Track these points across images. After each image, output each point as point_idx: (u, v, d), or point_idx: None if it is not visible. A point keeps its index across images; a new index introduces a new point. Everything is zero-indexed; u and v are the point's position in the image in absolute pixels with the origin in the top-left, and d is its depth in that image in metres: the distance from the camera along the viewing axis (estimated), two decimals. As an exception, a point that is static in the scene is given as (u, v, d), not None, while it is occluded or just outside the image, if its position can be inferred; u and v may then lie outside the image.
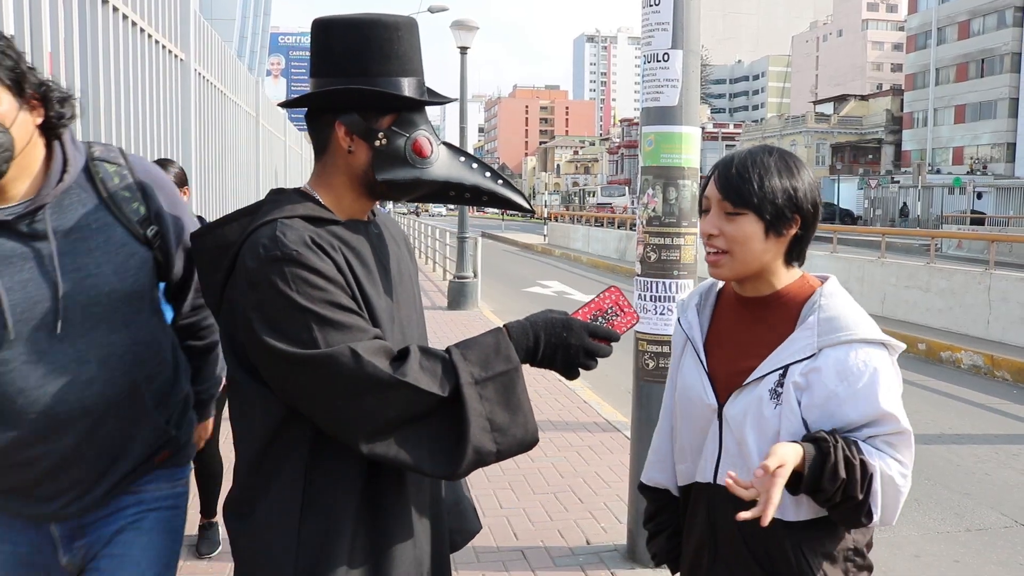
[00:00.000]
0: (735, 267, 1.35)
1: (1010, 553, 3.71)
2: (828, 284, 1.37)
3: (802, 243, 1.38)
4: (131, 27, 3.41)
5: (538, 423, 1.32)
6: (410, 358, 1.20)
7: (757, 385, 1.34)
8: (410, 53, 1.30)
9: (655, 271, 3.11)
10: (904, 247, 22.65)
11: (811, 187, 1.36)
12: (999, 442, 5.49)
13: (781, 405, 1.31)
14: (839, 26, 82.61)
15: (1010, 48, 48.76)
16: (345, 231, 1.30)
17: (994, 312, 8.48)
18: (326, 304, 1.18)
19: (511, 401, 1.24)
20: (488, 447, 1.21)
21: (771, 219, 1.32)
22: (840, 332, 1.30)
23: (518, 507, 3.84)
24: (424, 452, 1.20)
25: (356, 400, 1.17)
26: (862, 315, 1.34)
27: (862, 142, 58.91)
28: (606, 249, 21.55)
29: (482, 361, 1.23)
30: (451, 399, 1.20)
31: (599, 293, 1.37)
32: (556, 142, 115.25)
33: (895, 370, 1.34)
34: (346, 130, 1.29)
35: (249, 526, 1.27)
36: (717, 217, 1.35)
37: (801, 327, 1.33)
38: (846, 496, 1.27)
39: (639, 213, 3.21)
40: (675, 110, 3.05)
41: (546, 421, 5.29)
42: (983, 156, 50.10)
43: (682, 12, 3.00)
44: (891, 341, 1.34)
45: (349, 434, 1.19)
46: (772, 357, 1.33)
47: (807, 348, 1.31)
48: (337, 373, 1.16)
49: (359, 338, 1.19)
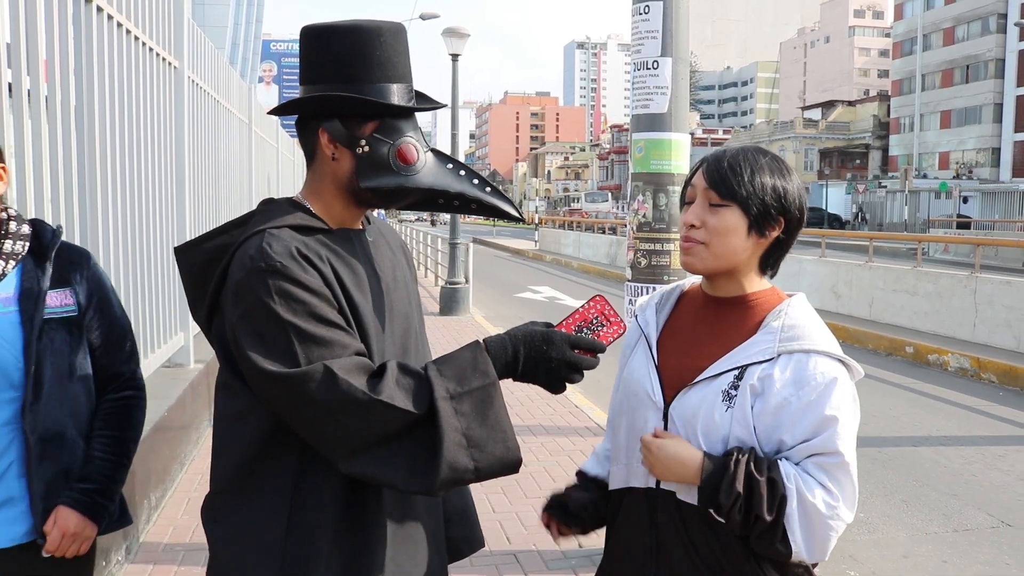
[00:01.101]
0: (709, 260, 1.31)
1: (996, 553, 3.76)
2: (797, 297, 1.35)
3: (780, 250, 1.35)
4: (125, 35, 3.43)
5: (530, 427, 1.31)
6: (386, 375, 1.18)
7: (709, 383, 1.29)
8: (394, 59, 1.29)
9: (645, 276, 3.15)
10: (891, 251, 22.86)
11: (799, 192, 1.33)
12: (985, 443, 5.55)
13: (733, 408, 1.26)
14: (826, 32, 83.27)
15: (994, 54, 49.31)
16: (335, 240, 1.29)
17: (980, 315, 8.58)
18: (309, 318, 1.17)
19: (488, 417, 1.20)
20: (464, 463, 1.18)
21: (756, 216, 1.28)
22: (802, 340, 1.26)
23: (511, 511, 3.86)
24: (400, 469, 1.18)
25: (332, 419, 1.16)
26: (826, 332, 1.30)
27: (850, 147, 59.34)
28: (597, 254, 21.61)
29: (458, 376, 1.20)
30: (428, 416, 1.17)
31: (584, 303, 1.33)
32: (547, 148, 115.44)
33: (852, 393, 1.28)
34: (329, 137, 1.28)
35: (229, 531, 1.26)
36: (701, 207, 1.31)
37: (763, 330, 1.29)
38: (750, 515, 1.21)
39: (629, 219, 3.25)
40: (665, 117, 3.09)
41: (538, 425, 5.32)
42: (968, 161, 50.59)
43: (671, 20, 3.05)
44: (851, 362, 1.29)
45: (328, 451, 1.19)
46: (729, 356, 1.29)
47: (767, 352, 1.26)
48: (312, 392, 1.15)
49: (339, 354, 1.18)
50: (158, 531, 3.41)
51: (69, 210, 2.80)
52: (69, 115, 2.82)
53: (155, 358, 3.92)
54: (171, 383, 4.03)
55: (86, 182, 2.98)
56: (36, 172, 2.52)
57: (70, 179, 2.81)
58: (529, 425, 5.29)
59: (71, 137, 2.83)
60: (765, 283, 1.37)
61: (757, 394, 1.25)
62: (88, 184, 3.00)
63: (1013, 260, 19.27)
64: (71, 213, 2.81)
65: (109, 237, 3.21)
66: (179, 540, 3.34)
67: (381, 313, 1.32)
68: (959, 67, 52.24)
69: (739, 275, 1.34)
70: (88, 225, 2.99)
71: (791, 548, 1.22)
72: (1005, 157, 48.15)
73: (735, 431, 1.25)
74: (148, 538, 3.32)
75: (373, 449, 1.17)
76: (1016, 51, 47.47)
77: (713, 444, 1.27)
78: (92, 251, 3.02)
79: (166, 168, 4.19)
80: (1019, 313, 8.09)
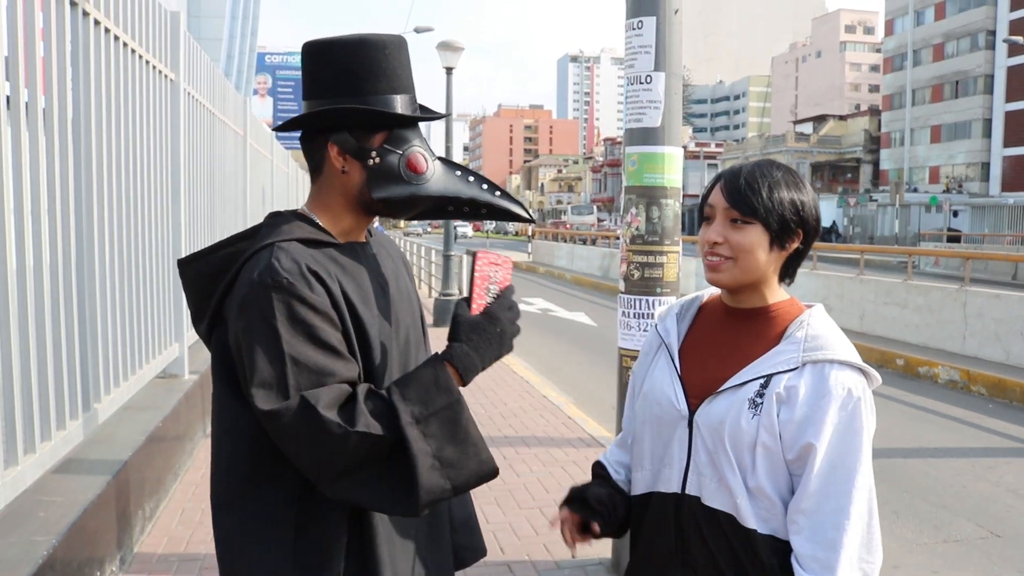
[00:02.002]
0: (736, 275, 1.34)
1: (986, 564, 3.79)
2: (817, 308, 1.39)
3: (798, 259, 1.38)
4: (122, 48, 3.46)
5: (523, 438, 1.33)
6: (357, 404, 1.18)
7: (735, 392, 1.31)
8: (399, 70, 1.30)
9: (638, 288, 3.18)
10: (882, 264, 22.98)
11: (814, 203, 1.37)
12: (975, 455, 5.59)
13: (759, 416, 1.28)
14: (818, 47, 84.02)
15: (983, 70, 49.87)
16: (342, 255, 1.30)
17: (970, 328, 8.64)
18: (307, 341, 1.18)
19: (457, 435, 1.21)
20: (440, 484, 1.19)
21: (777, 231, 1.32)
22: (825, 350, 1.29)
23: (504, 522, 3.87)
24: (384, 493, 1.20)
25: (312, 449, 1.17)
26: (847, 342, 1.34)
27: (841, 161, 59.78)
28: (590, 267, 21.66)
29: (421, 398, 1.20)
30: (399, 443, 1.18)
31: (473, 265, 1.35)
32: (540, 161, 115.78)
33: (869, 401, 1.31)
34: (338, 150, 1.29)
35: (239, 520, 1.26)
36: (722, 226, 1.34)
37: (787, 340, 1.32)
38: None
39: (622, 232, 3.29)
40: (658, 131, 3.14)
41: (531, 437, 5.33)
42: (959, 175, 51.03)
43: (664, 35, 3.10)
44: (871, 371, 1.33)
45: (312, 476, 1.20)
46: (754, 365, 1.32)
47: (792, 361, 1.29)
48: (288, 425, 1.16)
49: (327, 382, 1.18)
50: (152, 541, 3.40)
51: (65, 221, 2.81)
52: (66, 127, 2.84)
53: (150, 369, 3.93)
54: (166, 394, 4.03)
55: (83, 193, 3.00)
56: (33, 184, 2.53)
57: (67, 190, 2.83)
58: (522, 436, 5.30)
59: (68, 149, 2.85)
60: (784, 294, 1.41)
61: (783, 402, 1.28)
62: (84, 195, 3.01)
63: (1003, 273, 19.42)
64: (67, 224, 2.83)
65: (105, 248, 3.23)
66: (173, 550, 3.34)
67: (387, 326, 1.33)
68: (949, 82, 52.78)
69: (762, 287, 1.37)
70: (84, 236, 3.01)
71: None
72: (995, 171, 48.60)
73: (762, 438, 1.28)
74: (142, 548, 3.32)
75: (354, 474, 1.18)
76: (1005, 67, 48.01)
77: (740, 451, 1.29)
78: (88, 262, 3.06)
79: (162, 179, 4.20)
80: (1008, 326, 8.15)
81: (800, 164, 56.71)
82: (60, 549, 2.27)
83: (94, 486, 2.71)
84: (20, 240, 2.43)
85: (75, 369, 2.87)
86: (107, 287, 3.25)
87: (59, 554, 2.27)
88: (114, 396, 3.33)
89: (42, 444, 2.56)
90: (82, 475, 2.81)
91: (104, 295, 3.21)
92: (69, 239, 2.84)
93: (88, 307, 3.02)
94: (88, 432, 3.01)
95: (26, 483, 2.45)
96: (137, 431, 3.37)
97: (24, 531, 2.29)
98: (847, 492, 1.25)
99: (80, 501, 2.57)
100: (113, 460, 3.00)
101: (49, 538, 2.26)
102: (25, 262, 2.46)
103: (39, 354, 2.55)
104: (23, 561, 2.11)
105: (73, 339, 2.85)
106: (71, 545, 2.39)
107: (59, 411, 2.72)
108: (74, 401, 2.86)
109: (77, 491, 2.64)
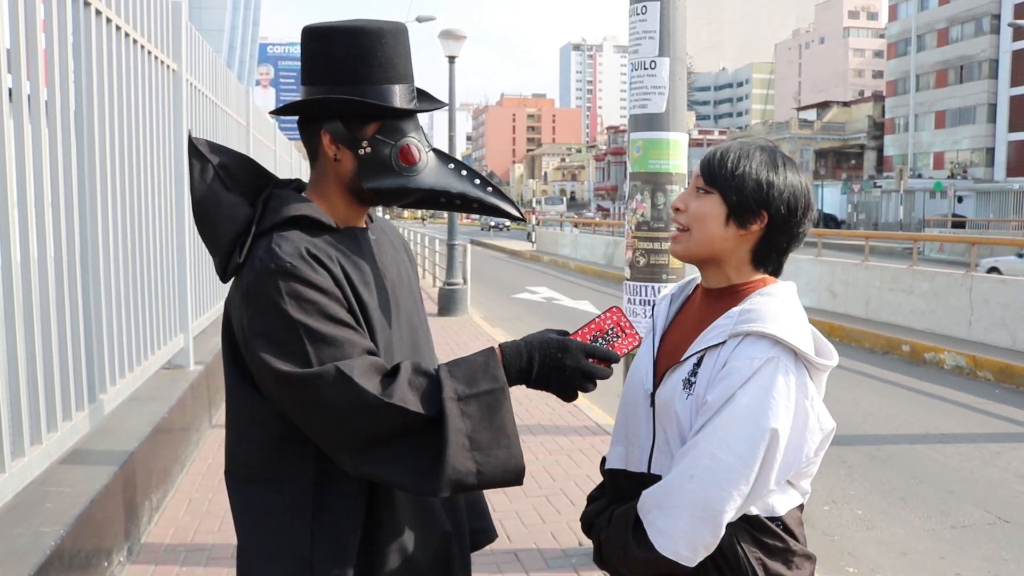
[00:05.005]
0: (690, 247, 1.33)
1: (994, 549, 3.78)
2: (777, 284, 1.33)
3: (770, 247, 1.32)
4: (124, 38, 3.44)
5: (529, 427, 1.31)
6: (399, 377, 1.18)
7: (676, 370, 1.31)
8: (396, 60, 1.28)
9: (644, 275, 3.17)
10: (887, 251, 22.91)
11: (791, 189, 1.29)
12: (982, 440, 5.58)
13: (692, 396, 1.26)
14: (821, 34, 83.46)
15: (987, 55, 49.50)
16: (342, 240, 1.30)
17: (976, 313, 8.61)
18: (320, 317, 1.18)
19: (495, 421, 1.20)
20: (467, 466, 1.17)
21: (734, 204, 1.28)
22: (754, 322, 1.22)
23: (511, 510, 3.87)
24: (408, 470, 1.18)
25: (343, 421, 1.15)
26: (791, 317, 1.25)
27: (845, 148, 59.54)
28: (594, 255, 21.63)
29: (468, 378, 1.20)
30: (436, 417, 1.17)
31: (601, 313, 1.34)
32: (543, 149, 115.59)
33: (783, 383, 1.20)
34: (331, 138, 1.28)
35: (260, 495, 1.26)
36: (688, 193, 1.34)
37: (726, 315, 1.28)
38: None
39: (628, 218, 3.27)
40: (662, 117, 3.11)
41: (537, 425, 5.33)
42: (963, 161, 50.78)
43: (668, 21, 3.07)
44: (810, 356, 1.22)
45: (337, 451, 1.19)
46: (695, 343, 1.29)
47: (721, 335, 1.25)
48: (324, 394, 1.15)
49: (351, 354, 1.18)
50: (159, 532, 3.42)
51: (69, 213, 2.81)
52: (69, 119, 2.83)
53: (155, 359, 3.93)
54: (171, 385, 4.04)
55: (86, 185, 2.99)
56: (36, 176, 2.53)
57: (70, 182, 2.82)
58: (528, 425, 5.31)
59: (71, 141, 2.84)
60: (757, 275, 1.35)
61: (705, 377, 1.25)
62: (88, 187, 3.01)
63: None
64: (71, 216, 2.82)
65: (109, 239, 3.22)
66: (181, 541, 3.35)
67: (388, 311, 1.33)
68: (953, 68, 52.42)
69: (724, 265, 1.33)
70: (88, 227, 3.00)
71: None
72: (999, 157, 48.32)
73: (696, 421, 1.24)
74: (149, 539, 3.33)
75: (381, 450, 1.18)
76: (1009, 52, 47.66)
77: (681, 430, 1.28)
78: (92, 253, 3.05)
79: (165, 170, 4.20)
80: (1014, 311, 8.12)
81: (804, 151, 56.54)
82: (68, 540, 2.28)
83: (101, 477, 2.72)
84: (24, 232, 2.42)
85: (80, 360, 2.87)
86: (111, 278, 3.24)
87: (67, 545, 2.27)
88: (120, 387, 3.33)
89: (49, 435, 2.57)
90: (89, 466, 2.82)
91: (108, 286, 3.20)
92: (73, 231, 2.84)
93: (92, 298, 3.02)
94: (94, 423, 3.01)
95: (33, 474, 2.45)
96: (143, 422, 3.38)
97: (32, 522, 2.30)
98: (692, 463, 1.21)
99: (87, 492, 2.57)
100: (120, 451, 3.01)
101: (57, 529, 2.27)
102: (29, 254, 2.46)
103: (44, 345, 2.55)
104: (31, 552, 2.12)
105: (78, 330, 2.85)
106: (79, 536, 2.39)
107: (65, 402, 2.72)
108: (80, 392, 2.87)
109: (84, 482, 2.65)
